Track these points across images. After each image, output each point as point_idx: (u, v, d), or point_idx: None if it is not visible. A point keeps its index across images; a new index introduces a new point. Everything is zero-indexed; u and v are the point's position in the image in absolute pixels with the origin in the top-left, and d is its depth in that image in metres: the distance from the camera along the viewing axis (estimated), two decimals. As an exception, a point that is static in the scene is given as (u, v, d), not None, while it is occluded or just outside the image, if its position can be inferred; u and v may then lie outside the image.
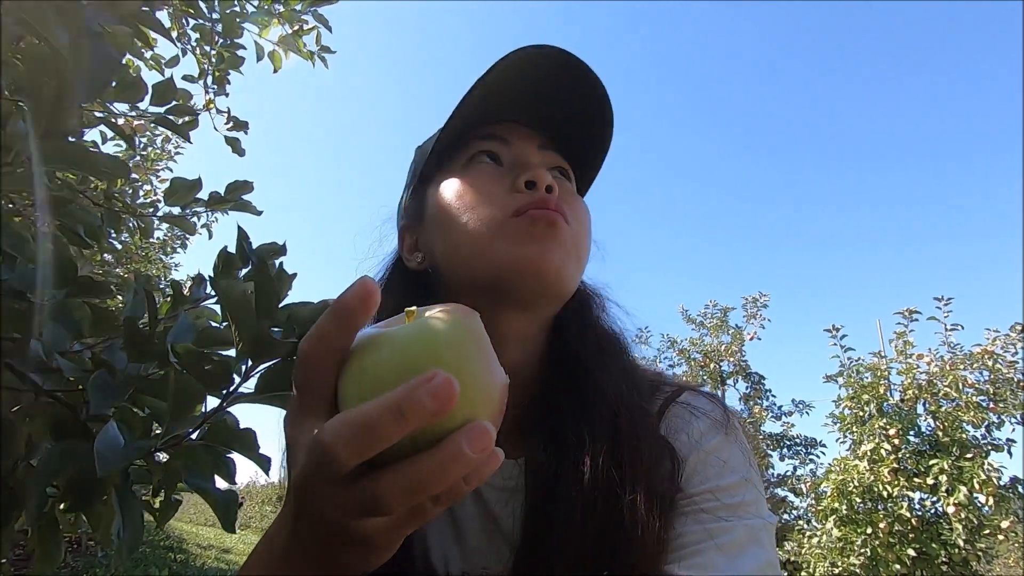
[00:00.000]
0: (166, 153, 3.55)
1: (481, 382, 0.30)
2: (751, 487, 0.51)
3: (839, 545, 5.15)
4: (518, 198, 0.54)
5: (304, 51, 1.71)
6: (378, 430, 0.26)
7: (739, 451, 0.54)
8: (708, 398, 0.59)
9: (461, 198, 0.55)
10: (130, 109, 1.19)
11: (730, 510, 0.49)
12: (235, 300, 0.50)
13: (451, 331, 0.30)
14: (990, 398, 5.21)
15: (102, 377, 0.57)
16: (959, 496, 4.76)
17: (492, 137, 0.59)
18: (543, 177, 0.54)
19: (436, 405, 0.25)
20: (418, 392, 0.26)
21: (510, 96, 0.57)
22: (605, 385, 0.55)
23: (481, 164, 0.58)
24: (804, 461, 7.76)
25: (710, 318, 8.49)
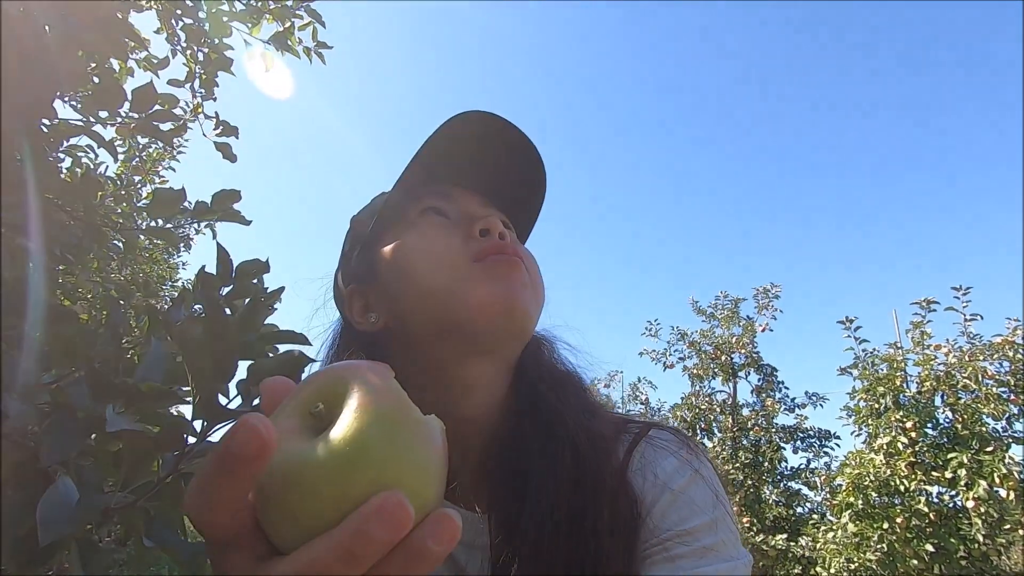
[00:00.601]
0: (167, 153, 3.53)
1: (425, 466, 0.27)
2: (722, 526, 0.52)
3: (855, 540, 5.08)
4: (475, 244, 0.56)
5: (297, 48, 1.66)
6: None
7: (708, 489, 0.54)
8: (674, 434, 0.60)
9: (419, 250, 0.57)
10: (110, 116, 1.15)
11: (703, 554, 0.49)
12: (190, 348, 0.46)
13: (378, 427, 0.26)
14: (1011, 389, 5.09)
15: (58, 423, 0.52)
16: (979, 490, 4.66)
17: (435, 194, 0.62)
18: (496, 224, 0.57)
19: (391, 534, 0.23)
20: (368, 526, 0.23)
21: (449, 163, 0.61)
22: (567, 419, 0.56)
23: (431, 217, 0.60)
24: (818, 454, 7.68)
25: (721, 309, 8.38)
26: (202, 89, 1.40)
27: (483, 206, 0.63)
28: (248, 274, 0.83)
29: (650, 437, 0.58)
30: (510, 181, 0.65)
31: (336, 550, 0.23)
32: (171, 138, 1.10)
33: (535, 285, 0.59)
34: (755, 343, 8.00)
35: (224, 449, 0.25)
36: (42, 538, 0.41)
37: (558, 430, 0.55)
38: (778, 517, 7.20)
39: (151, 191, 3.03)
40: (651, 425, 0.61)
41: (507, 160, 0.63)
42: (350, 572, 0.23)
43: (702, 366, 8.09)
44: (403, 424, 0.27)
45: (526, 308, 0.55)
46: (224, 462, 0.25)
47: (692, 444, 0.59)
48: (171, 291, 4.55)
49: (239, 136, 1.37)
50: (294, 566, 0.24)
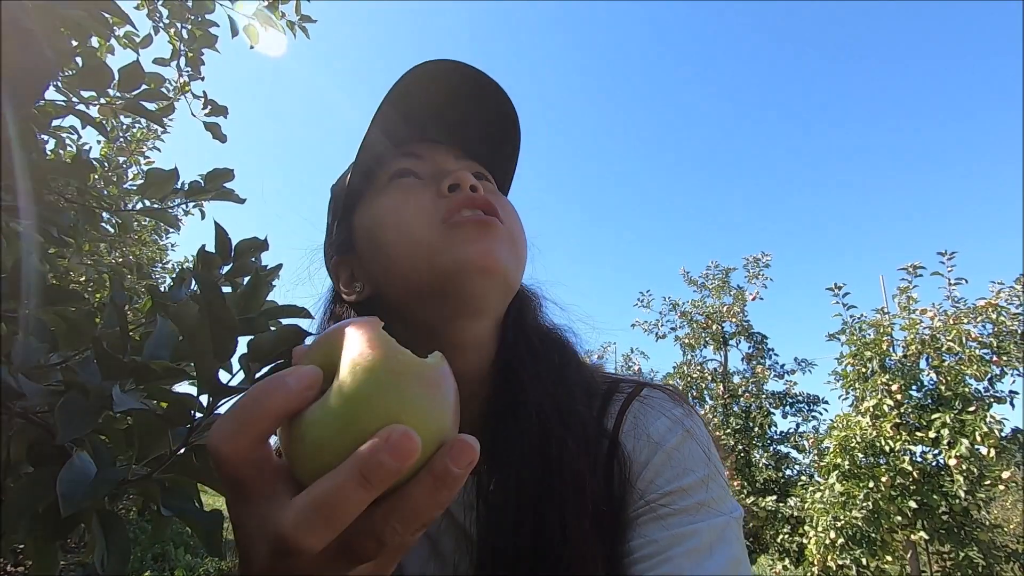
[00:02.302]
0: (152, 133, 3.46)
1: (420, 402, 0.29)
2: (714, 483, 0.52)
3: (841, 499, 5.24)
4: (445, 203, 0.54)
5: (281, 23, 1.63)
6: (344, 505, 0.25)
7: (699, 448, 0.54)
8: (666, 393, 0.59)
9: (390, 215, 0.56)
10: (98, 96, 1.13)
11: (695, 511, 0.49)
12: (188, 326, 0.47)
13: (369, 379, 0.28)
14: (993, 351, 5.21)
15: (71, 401, 0.54)
16: (960, 448, 4.81)
17: (407, 156, 0.59)
18: (465, 178, 0.55)
19: (400, 462, 0.25)
20: (379, 455, 0.25)
21: (418, 117, 0.59)
22: (535, 391, 0.55)
23: (401, 180, 0.58)
24: (807, 418, 7.87)
25: (712, 279, 8.46)
26: (188, 68, 1.38)
27: (455, 159, 0.61)
28: (247, 252, 0.84)
29: (643, 396, 0.58)
30: (480, 128, 0.62)
31: (351, 475, 0.25)
32: (160, 117, 1.09)
33: (513, 238, 0.56)
34: (745, 312, 8.10)
35: (276, 380, 0.27)
36: (64, 510, 0.43)
37: (524, 407, 0.54)
38: (768, 480, 7.41)
39: (137, 172, 2.99)
40: (643, 384, 0.60)
41: (474, 106, 0.60)
42: (366, 496, 0.25)
43: (694, 335, 8.20)
44: (390, 371, 0.29)
45: (504, 264, 0.53)
46: (272, 391, 0.27)
47: (684, 402, 0.59)
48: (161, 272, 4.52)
49: (228, 116, 1.35)
50: (314, 493, 0.26)
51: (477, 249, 0.52)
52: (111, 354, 0.57)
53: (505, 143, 0.64)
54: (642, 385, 0.60)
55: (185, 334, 0.47)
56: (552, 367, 0.58)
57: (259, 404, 0.27)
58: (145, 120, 3.63)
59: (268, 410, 0.27)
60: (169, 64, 1.39)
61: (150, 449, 0.51)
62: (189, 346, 0.47)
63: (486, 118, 0.61)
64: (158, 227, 4.72)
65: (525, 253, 0.59)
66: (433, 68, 0.55)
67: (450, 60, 0.55)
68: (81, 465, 0.47)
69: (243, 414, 0.27)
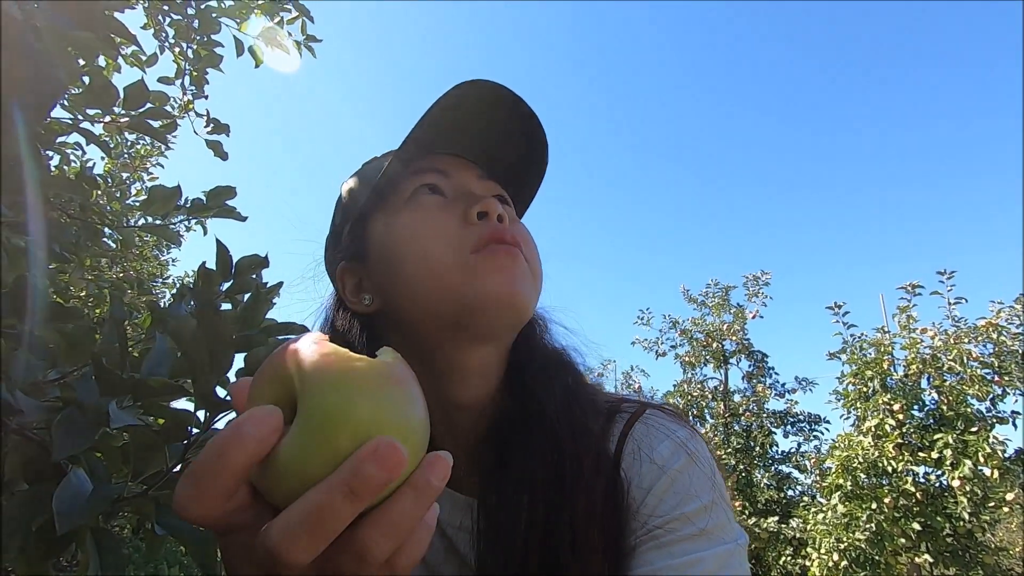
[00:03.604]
0: (156, 150, 3.50)
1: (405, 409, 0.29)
2: (718, 510, 0.51)
3: (844, 521, 5.18)
4: (473, 231, 0.53)
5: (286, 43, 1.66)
6: (331, 518, 0.25)
7: (704, 472, 0.53)
8: (670, 416, 0.58)
9: (413, 235, 0.55)
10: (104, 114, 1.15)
11: (699, 538, 0.48)
12: (186, 342, 0.47)
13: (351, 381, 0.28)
14: (995, 371, 5.19)
15: (68, 418, 0.54)
16: (964, 470, 4.76)
17: (431, 170, 0.58)
18: (494, 207, 0.54)
19: (387, 474, 0.25)
20: (365, 467, 0.25)
21: (448, 131, 0.58)
22: (549, 411, 0.55)
23: (425, 197, 0.57)
24: (808, 438, 7.80)
25: (712, 297, 8.46)
26: (192, 86, 1.40)
27: (480, 180, 0.60)
28: (247, 269, 0.84)
29: (645, 418, 0.57)
30: (510, 153, 0.62)
31: (338, 488, 0.25)
32: (163, 135, 1.11)
33: (534, 271, 0.56)
34: (746, 330, 8.08)
35: (234, 432, 0.26)
36: (60, 527, 0.43)
37: (540, 424, 0.54)
38: (769, 500, 7.32)
39: (140, 188, 3.01)
40: (646, 406, 0.58)
41: (508, 131, 0.60)
42: (353, 509, 0.25)
43: (694, 354, 8.17)
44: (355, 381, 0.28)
45: (527, 298, 0.53)
46: (233, 445, 0.26)
47: (688, 425, 0.57)
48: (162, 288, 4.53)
49: (230, 134, 1.37)
50: (301, 506, 0.25)
51: (503, 283, 0.52)
52: (110, 370, 0.57)
53: (532, 170, 0.65)
54: (645, 406, 0.58)
55: (183, 350, 0.47)
56: (564, 387, 0.57)
57: (220, 462, 0.26)
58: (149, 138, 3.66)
59: (230, 467, 0.26)
60: (173, 83, 1.41)
61: (146, 465, 0.51)
62: (186, 362, 0.47)
63: (517, 142, 0.61)
64: (159, 242, 4.74)
65: (541, 283, 0.59)
66: (477, 88, 0.55)
67: (491, 82, 0.55)
68: (77, 482, 0.47)
69: (204, 474, 0.26)
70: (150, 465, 0.51)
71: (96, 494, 0.47)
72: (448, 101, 0.54)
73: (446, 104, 0.54)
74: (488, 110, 0.57)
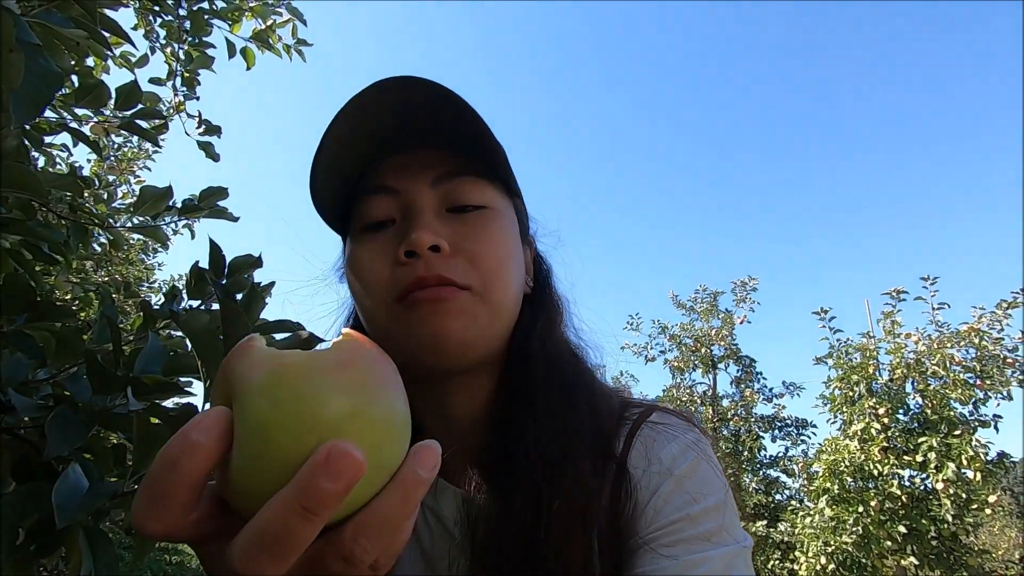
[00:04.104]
0: (143, 152, 3.47)
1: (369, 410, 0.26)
2: (725, 511, 0.50)
3: (831, 524, 5.22)
4: (401, 274, 0.51)
5: (278, 46, 1.66)
6: (289, 538, 0.23)
7: (711, 474, 0.53)
8: (677, 416, 0.58)
9: (358, 276, 0.54)
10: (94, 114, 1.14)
11: (706, 539, 0.48)
12: (199, 334, 0.47)
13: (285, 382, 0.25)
14: (977, 375, 5.28)
15: (62, 415, 0.53)
16: (947, 472, 4.83)
17: (380, 190, 0.55)
18: (422, 242, 0.50)
19: (342, 485, 0.23)
20: (317, 481, 0.23)
21: (381, 131, 0.54)
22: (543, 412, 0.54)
23: (368, 236, 0.55)
24: (795, 442, 7.87)
25: (700, 303, 8.52)
26: (184, 88, 1.39)
27: (432, 188, 0.54)
28: (241, 269, 0.84)
29: (653, 419, 0.56)
30: (445, 129, 0.54)
31: (291, 508, 0.23)
32: (154, 136, 1.10)
33: (485, 299, 0.52)
34: (734, 335, 8.15)
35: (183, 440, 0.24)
36: (59, 521, 0.43)
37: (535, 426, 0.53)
38: (758, 504, 7.36)
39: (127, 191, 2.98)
40: (653, 408, 0.58)
41: (434, 110, 0.53)
42: (312, 527, 0.23)
43: (683, 359, 8.21)
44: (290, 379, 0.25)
45: (460, 340, 0.50)
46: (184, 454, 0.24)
47: (696, 426, 0.57)
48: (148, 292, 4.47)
49: (221, 135, 1.37)
50: (255, 526, 0.24)
51: (427, 331, 0.50)
52: (105, 367, 0.57)
53: (478, 137, 0.55)
54: (653, 407, 0.58)
55: (194, 341, 0.47)
56: (553, 410, 0.54)
57: (172, 473, 0.24)
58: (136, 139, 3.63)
59: (182, 478, 0.24)
60: (165, 84, 1.41)
61: (148, 460, 0.50)
62: (198, 352, 0.47)
63: (448, 118, 0.54)
64: (146, 246, 4.68)
65: (507, 298, 0.55)
66: (383, 86, 0.50)
67: (396, 76, 0.51)
68: (75, 478, 0.47)
69: (157, 488, 0.24)
70: (152, 458, 0.51)
71: (94, 489, 0.47)
72: (362, 103, 0.51)
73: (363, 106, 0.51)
74: (405, 100, 0.52)
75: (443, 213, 0.54)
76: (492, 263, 0.53)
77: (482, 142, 0.54)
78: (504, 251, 0.55)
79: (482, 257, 0.53)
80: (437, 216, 0.54)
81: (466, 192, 0.55)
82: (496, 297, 0.53)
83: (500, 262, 0.54)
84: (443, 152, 0.56)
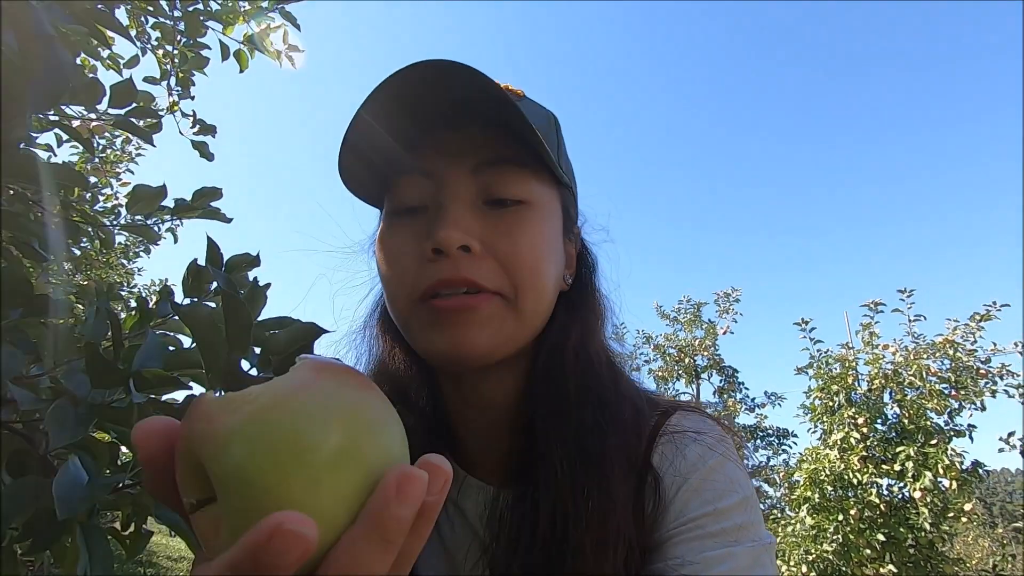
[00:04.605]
0: (126, 155, 3.42)
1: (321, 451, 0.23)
2: (751, 508, 0.50)
3: (812, 533, 5.27)
4: (425, 272, 0.49)
5: (271, 50, 1.66)
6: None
7: (736, 471, 0.52)
8: (700, 415, 0.58)
9: (383, 266, 0.53)
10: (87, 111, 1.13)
11: (732, 534, 0.48)
12: (201, 325, 0.47)
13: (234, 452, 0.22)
14: (952, 386, 5.40)
15: (62, 408, 0.53)
16: (924, 481, 4.92)
17: (416, 171, 0.52)
18: (451, 241, 0.47)
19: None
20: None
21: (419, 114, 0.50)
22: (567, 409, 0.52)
23: (398, 221, 0.52)
24: (777, 452, 7.95)
25: (684, 313, 8.60)
26: (178, 87, 1.38)
27: (472, 175, 0.51)
28: (239, 267, 0.84)
29: (677, 417, 0.56)
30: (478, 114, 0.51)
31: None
32: (149, 135, 1.09)
33: (513, 305, 0.50)
34: (717, 345, 8.23)
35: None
36: (60, 512, 0.42)
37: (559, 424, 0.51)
38: (740, 514, 7.40)
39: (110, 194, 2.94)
40: (677, 407, 0.58)
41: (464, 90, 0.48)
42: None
43: (667, 369, 8.27)
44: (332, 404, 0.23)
45: (483, 353, 0.49)
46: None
47: (721, 425, 0.57)
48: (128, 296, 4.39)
49: (216, 135, 1.36)
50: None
51: (448, 339, 0.48)
52: (106, 360, 0.56)
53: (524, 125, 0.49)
54: (677, 405, 0.58)
55: (197, 333, 0.47)
56: (587, 429, 0.52)
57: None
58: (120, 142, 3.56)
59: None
60: (159, 83, 1.40)
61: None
62: (201, 343, 0.47)
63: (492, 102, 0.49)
64: (127, 250, 4.60)
65: (538, 299, 0.52)
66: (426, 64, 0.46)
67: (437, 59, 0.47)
68: (75, 471, 0.46)
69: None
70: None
71: (95, 482, 0.47)
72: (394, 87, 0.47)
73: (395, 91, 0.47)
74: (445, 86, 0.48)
75: (479, 205, 0.51)
76: (526, 267, 0.50)
77: (527, 129, 0.49)
78: (540, 253, 0.52)
79: (516, 260, 0.50)
80: (472, 208, 0.50)
81: (507, 184, 0.51)
82: (527, 304, 0.51)
83: (535, 266, 0.51)
84: (487, 136, 0.52)
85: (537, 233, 0.52)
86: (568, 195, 0.59)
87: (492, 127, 0.51)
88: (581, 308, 0.58)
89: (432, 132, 0.52)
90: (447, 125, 0.52)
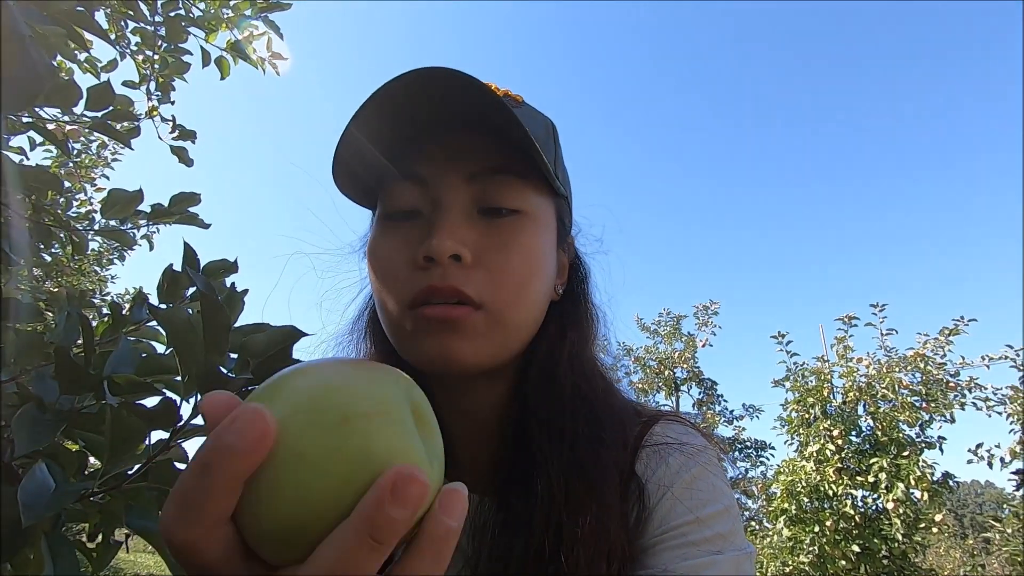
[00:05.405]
0: (102, 160, 3.36)
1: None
2: (733, 517, 0.51)
3: (789, 544, 5.33)
4: (416, 279, 0.49)
5: (252, 57, 1.65)
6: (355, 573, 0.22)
7: (717, 481, 0.53)
8: (683, 424, 0.57)
9: (373, 270, 0.52)
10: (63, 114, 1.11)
11: (715, 542, 0.48)
12: (178, 328, 0.46)
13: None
14: (923, 398, 5.53)
15: (30, 413, 0.52)
16: (897, 492, 5.01)
17: (410, 177, 0.51)
18: (443, 249, 0.47)
19: (411, 511, 0.22)
20: (386, 510, 0.22)
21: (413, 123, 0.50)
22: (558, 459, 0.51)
23: (391, 225, 0.52)
24: (755, 463, 8.03)
25: (664, 326, 8.68)
26: (158, 92, 1.37)
27: (467, 183, 0.51)
28: (216, 273, 0.83)
29: (661, 426, 0.56)
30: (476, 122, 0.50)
31: (359, 539, 0.22)
32: (127, 139, 1.08)
33: (498, 319, 0.49)
34: (696, 358, 8.32)
35: (217, 443, 0.23)
36: (25, 519, 0.41)
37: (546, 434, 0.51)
38: (719, 526, 7.44)
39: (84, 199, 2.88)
40: (660, 416, 0.58)
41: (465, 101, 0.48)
42: (378, 559, 0.23)
43: (647, 380, 8.32)
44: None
45: (468, 363, 0.49)
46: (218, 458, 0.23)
47: (703, 433, 0.57)
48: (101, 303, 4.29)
49: (195, 140, 1.35)
50: (320, 563, 0.23)
51: (435, 348, 0.48)
52: (77, 365, 0.55)
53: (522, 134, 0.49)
54: (660, 414, 0.58)
55: (173, 336, 0.47)
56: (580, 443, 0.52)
57: (204, 479, 0.23)
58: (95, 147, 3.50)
59: (215, 485, 0.23)
60: (138, 87, 1.39)
61: (124, 453, 0.49)
62: (178, 346, 0.47)
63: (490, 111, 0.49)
64: (100, 257, 4.50)
65: (526, 316, 0.52)
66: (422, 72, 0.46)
67: (435, 67, 0.47)
68: (42, 477, 0.45)
69: (189, 495, 0.23)
70: (127, 453, 0.49)
71: (62, 488, 0.45)
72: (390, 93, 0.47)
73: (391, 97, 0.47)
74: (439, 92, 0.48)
75: (473, 214, 0.51)
76: (514, 282, 0.50)
77: (525, 138, 0.48)
78: (531, 267, 0.51)
79: (505, 274, 0.49)
80: (467, 217, 0.50)
81: (503, 193, 0.51)
82: (512, 319, 0.50)
83: (523, 281, 0.50)
84: (484, 144, 0.51)
85: (530, 246, 0.51)
86: (563, 205, 0.59)
87: (489, 135, 0.51)
88: (573, 318, 0.58)
89: (428, 139, 0.52)
90: (444, 132, 0.52)
